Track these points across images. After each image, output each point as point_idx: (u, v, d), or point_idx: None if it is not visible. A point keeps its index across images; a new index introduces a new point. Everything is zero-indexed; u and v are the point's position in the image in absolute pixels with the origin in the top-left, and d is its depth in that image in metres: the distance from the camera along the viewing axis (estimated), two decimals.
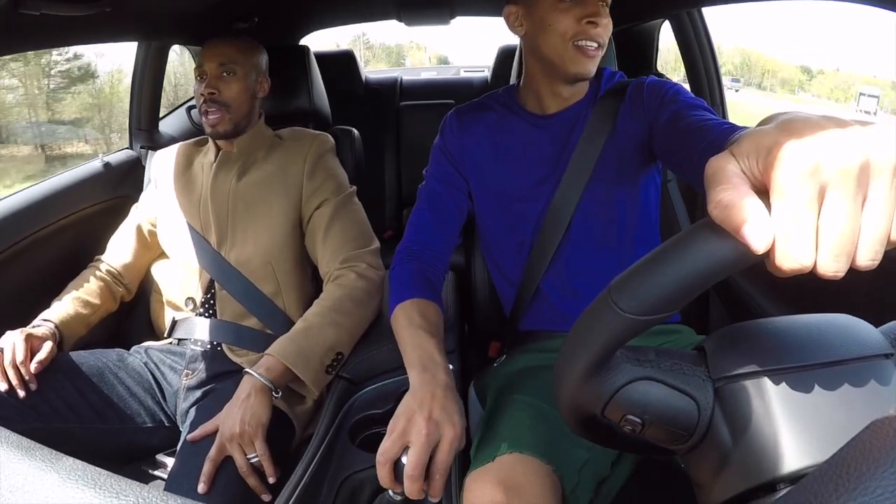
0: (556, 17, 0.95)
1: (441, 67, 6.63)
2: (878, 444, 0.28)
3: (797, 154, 0.33)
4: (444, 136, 1.12)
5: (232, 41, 1.32)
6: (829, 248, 0.33)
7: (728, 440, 0.44)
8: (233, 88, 1.28)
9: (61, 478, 0.34)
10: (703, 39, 1.77)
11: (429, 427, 0.69)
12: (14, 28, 0.97)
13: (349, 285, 1.17)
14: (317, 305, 1.17)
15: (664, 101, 0.96)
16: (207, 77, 1.27)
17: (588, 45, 0.95)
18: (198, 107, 1.29)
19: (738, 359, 0.45)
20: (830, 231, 0.33)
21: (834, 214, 0.33)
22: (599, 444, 0.59)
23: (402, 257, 1.03)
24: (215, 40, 1.31)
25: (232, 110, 1.28)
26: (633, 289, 0.41)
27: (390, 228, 2.55)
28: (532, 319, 1.14)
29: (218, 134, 1.29)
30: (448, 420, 0.71)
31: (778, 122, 0.37)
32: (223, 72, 1.28)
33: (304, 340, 1.09)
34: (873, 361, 0.43)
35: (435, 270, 1.02)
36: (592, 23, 0.94)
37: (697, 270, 0.38)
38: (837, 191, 0.32)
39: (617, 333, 0.43)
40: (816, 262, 0.34)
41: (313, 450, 0.90)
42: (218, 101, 1.26)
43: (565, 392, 0.49)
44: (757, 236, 0.34)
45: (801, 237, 0.33)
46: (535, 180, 1.06)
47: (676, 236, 0.40)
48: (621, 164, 1.03)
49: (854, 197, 0.32)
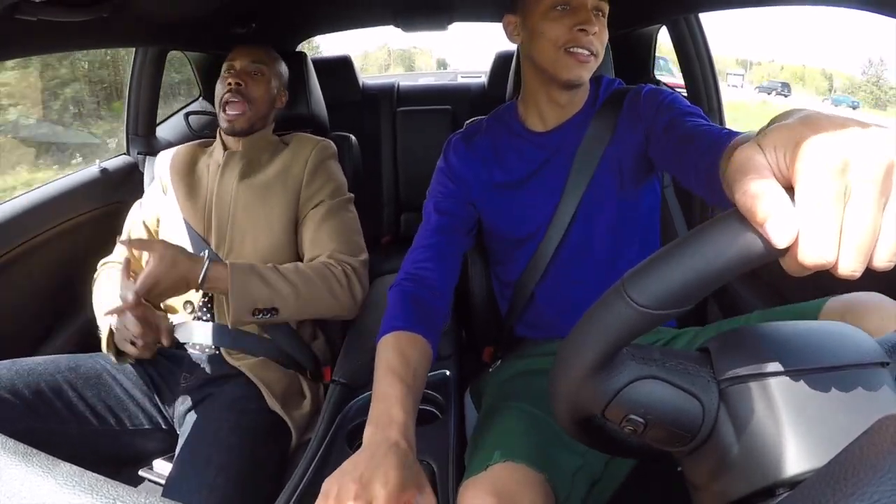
0: (548, 26, 0.96)
1: (439, 73, 6.65)
2: (875, 449, 0.28)
3: (826, 150, 0.33)
4: (447, 159, 1.11)
5: (261, 46, 1.38)
6: (852, 246, 0.33)
7: (732, 442, 0.44)
8: (259, 87, 1.33)
9: (59, 483, 0.34)
10: (700, 45, 1.78)
11: (357, 488, 0.64)
12: (11, 34, 0.97)
13: (329, 271, 1.19)
14: (292, 265, 1.20)
15: (660, 108, 0.97)
16: (236, 70, 1.31)
17: (579, 51, 0.95)
18: (220, 102, 1.31)
19: (743, 360, 0.45)
20: (854, 230, 0.33)
21: (859, 213, 0.32)
22: (593, 447, 0.59)
23: (404, 277, 1.00)
24: (245, 44, 1.38)
25: (253, 108, 1.32)
26: (648, 281, 0.40)
27: (388, 234, 2.55)
28: (527, 326, 1.15)
29: (234, 130, 1.31)
30: (380, 478, 0.66)
31: (800, 118, 0.37)
32: (253, 70, 1.33)
33: (258, 276, 1.13)
34: (871, 369, 0.43)
35: (437, 298, 0.98)
36: (583, 31, 0.94)
37: (716, 264, 0.37)
38: (863, 191, 0.32)
39: (629, 327, 0.42)
40: (838, 259, 0.33)
41: (310, 455, 0.90)
42: (243, 92, 1.30)
43: (566, 388, 0.48)
44: (780, 231, 0.34)
45: (826, 232, 0.33)
46: (538, 195, 1.06)
47: (696, 228, 0.40)
48: (620, 173, 1.03)
49: (878, 198, 0.32)
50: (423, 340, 0.89)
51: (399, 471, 0.67)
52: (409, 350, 0.86)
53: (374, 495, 0.64)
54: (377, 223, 2.52)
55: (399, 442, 0.72)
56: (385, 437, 0.73)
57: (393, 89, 2.70)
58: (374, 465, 0.67)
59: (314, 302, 1.16)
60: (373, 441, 0.72)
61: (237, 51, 1.36)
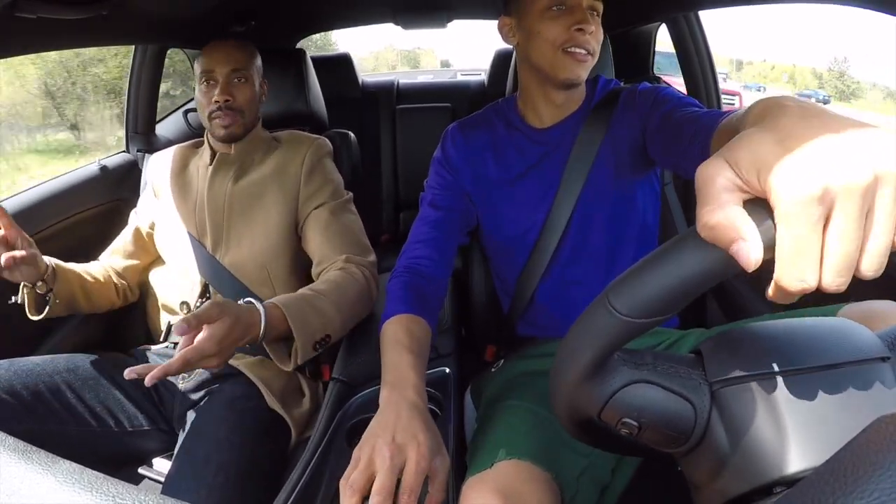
0: (545, 26, 0.96)
1: (438, 71, 6.63)
2: (874, 447, 0.28)
3: (803, 176, 0.32)
4: (444, 149, 1.12)
5: (238, 45, 1.31)
6: (834, 266, 0.33)
7: (725, 443, 0.44)
8: (246, 94, 1.30)
9: (58, 481, 0.34)
10: (699, 43, 1.78)
11: (392, 451, 0.67)
12: (10, 31, 0.97)
13: (355, 278, 1.15)
14: (323, 283, 1.12)
15: (656, 103, 0.97)
16: (219, 83, 1.26)
17: (577, 51, 0.96)
18: (205, 112, 1.28)
19: (735, 362, 0.45)
20: (836, 250, 0.32)
21: (840, 234, 0.32)
22: (596, 447, 0.59)
23: (401, 270, 1.02)
24: (219, 43, 1.30)
25: (245, 115, 1.30)
26: (629, 291, 0.41)
27: (387, 232, 2.55)
28: (528, 325, 1.15)
29: (232, 136, 1.29)
30: (412, 440, 0.69)
31: (773, 126, 0.36)
32: (235, 78, 1.28)
33: (309, 306, 1.03)
34: (870, 365, 0.43)
35: (433, 287, 1.01)
36: (580, 30, 0.95)
37: (694, 274, 0.38)
38: (844, 210, 0.32)
39: (614, 336, 0.43)
40: (821, 279, 0.33)
41: (310, 453, 0.90)
42: (233, 107, 1.27)
43: (561, 395, 0.49)
44: (746, 256, 0.34)
45: (807, 260, 0.33)
46: (536, 193, 1.06)
47: (673, 239, 0.40)
48: (617, 171, 1.03)
49: (860, 214, 0.32)
50: (423, 321, 0.94)
51: (426, 434, 0.70)
52: (413, 327, 0.91)
53: (408, 456, 0.67)
54: (376, 221, 2.52)
55: (417, 402, 0.76)
56: (403, 396, 0.76)
57: (392, 87, 2.69)
58: (402, 426, 0.71)
59: (351, 315, 1.12)
60: (392, 401, 0.76)
61: (214, 55, 1.27)
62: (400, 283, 0.98)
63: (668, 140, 0.89)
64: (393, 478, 0.66)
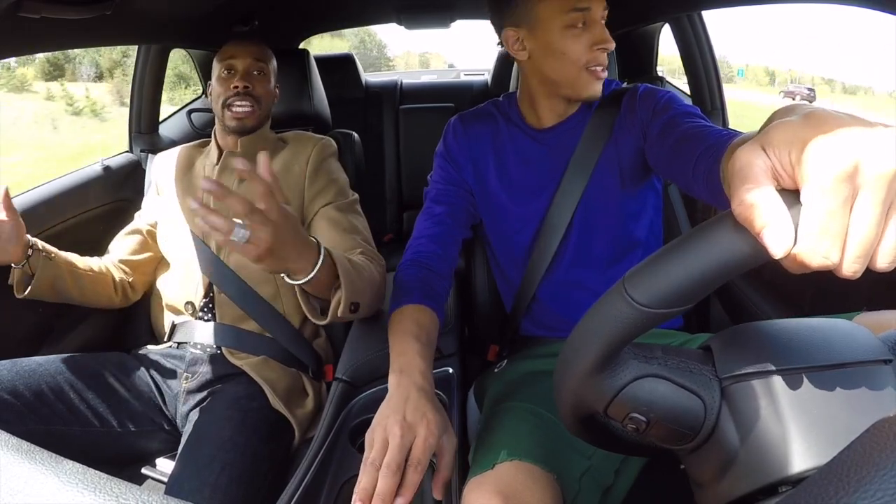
0: (568, 45, 0.94)
1: (441, 71, 6.65)
2: (878, 447, 0.28)
3: (834, 153, 0.33)
4: (446, 142, 1.12)
5: (259, 43, 1.36)
6: (856, 249, 0.33)
7: (735, 440, 0.44)
8: (264, 85, 1.33)
9: (62, 481, 0.34)
10: (703, 43, 1.78)
11: (403, 429, 0.70)
12: (14, 31, 0.97)
13: (375, 269, 1.09)
14: (356, 255, 1.08)
15: (656, 109, 0.96)
16: (239, 72, 1.30)
17: (598, 69, 0.96)
18: (220, 100, 1.30)
19: (746, 358, 0.45)
20: (859, 234, 0.33)
21: (864, 218, 0.33)
22: (597, 445, 0.59)
23: (407, 262, 1.03)
24: (238, 40, 1.34)
25: (262, 107, 1.32)
26: (648, 280, 0.41)
27: (391, 232, 2.55)
28: (532, 325, 1.15)
29: (244, 128, 1.30)
30: (421, 419, 0.71)
31: (803, 115, 0.37)
32: (255, 70, 1.31)
33: (353, 266, 0.97)
34: (874, 366, 0.43)
35: (439, 279, 1.01)
36: (603, 49, 0.95)
37: (715, 264, 0.38)
38: (871, 195, 0.32)
39: (630, 326, 0.42)
40: (841, 261, 0.34)
41: (313, 452, 0.90)
42: (252, 94, 1.29)
43: (568, 387, 0.49)
44: (777, 241, 0.34)
45: (833, 237, 0.33)
46: (534, 191, 1.06)
47: (695, 228, 0.40)
48: (619, 173, 1.03)
49: (884, 202, 0.33)
50: (430, 311, 0.95)
51: (435, 413, 0.74)
52: (421, 316, 0.92)
53: (418, 433, 0.70)
54: (380, 221, 2.52)
55: (425, 386, 0.78)
56: (412, 381, 0.78)
57: (396, 87, 2.70)
58: (412, 407, 0.73)
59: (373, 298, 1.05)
60: (401, 385, 0.78)
61: (234, 49, 1.32)
62: (407, 275, 1.00)
63: (670, 154, 0.88)
64: (403, 454, 0.68)
